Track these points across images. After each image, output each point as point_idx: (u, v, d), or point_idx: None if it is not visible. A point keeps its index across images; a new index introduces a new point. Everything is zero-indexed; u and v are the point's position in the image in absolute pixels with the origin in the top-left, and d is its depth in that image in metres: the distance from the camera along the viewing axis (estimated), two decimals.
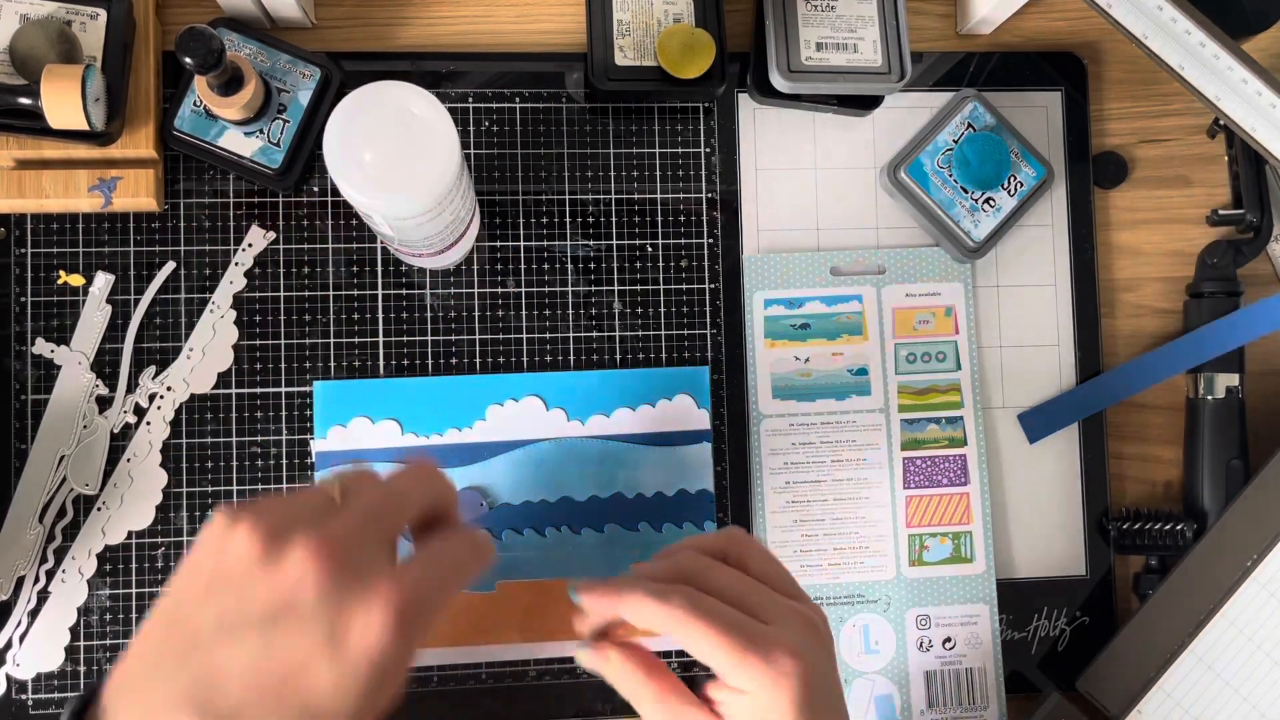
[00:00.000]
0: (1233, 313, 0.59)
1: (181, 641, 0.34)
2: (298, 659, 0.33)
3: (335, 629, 0.34)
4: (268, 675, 0.33)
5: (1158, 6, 0.56)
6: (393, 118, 0.45)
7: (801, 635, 0.41)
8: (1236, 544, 0.57)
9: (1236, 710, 0.56)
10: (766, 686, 0.40)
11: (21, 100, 0.50)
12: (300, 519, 0.35)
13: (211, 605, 0.34)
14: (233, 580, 0.34)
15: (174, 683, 0.33)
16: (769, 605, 0.42)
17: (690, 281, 0.59)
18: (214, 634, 0.34)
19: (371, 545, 0.36)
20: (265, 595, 0.34)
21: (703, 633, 0.40)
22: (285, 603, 0.34)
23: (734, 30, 0.60)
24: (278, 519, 0.35)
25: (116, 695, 0.34)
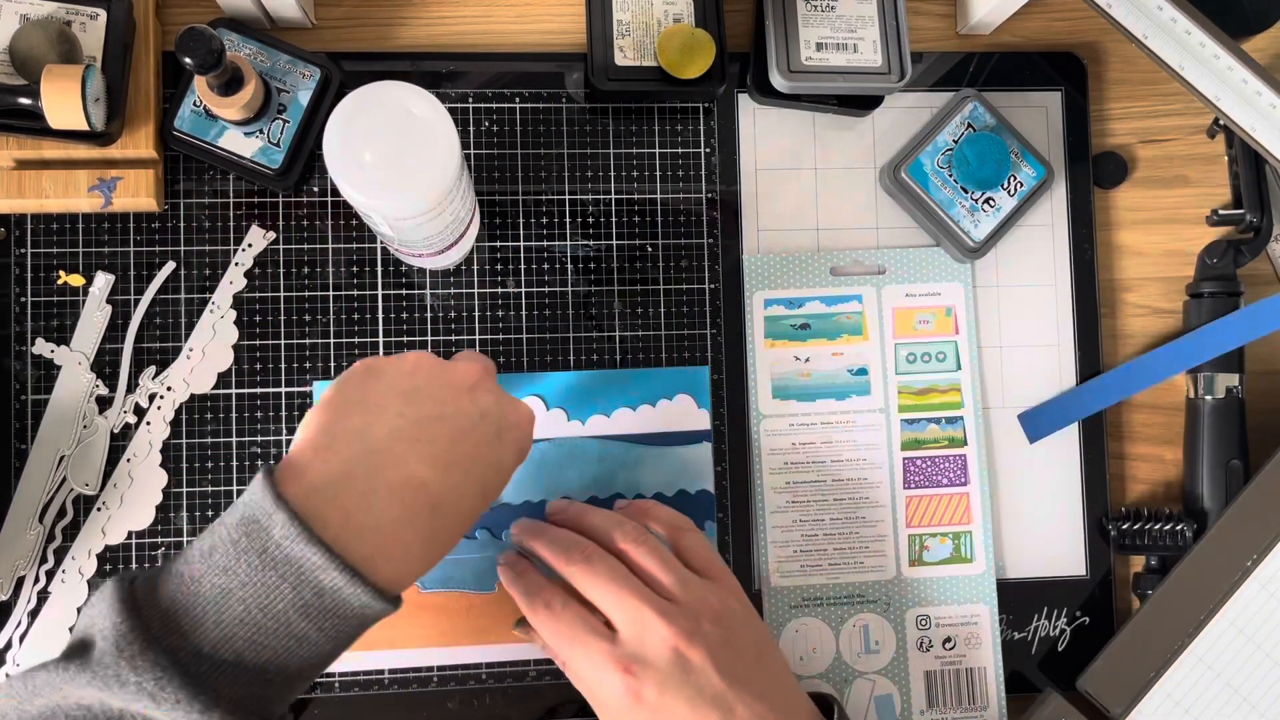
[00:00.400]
0: (1233, 313, 0.59)
1: (386, 413, 0.43)
2: (482, 441, 0.44)
3: (501, 430, 0.45)
4: (460, 444, 0.43)
5: (1158, 6, 0.56)
6: (393, 118, 0.45)
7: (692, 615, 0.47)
8: (1236, 544, 0.57)
9: (1236, 710, 0.56)
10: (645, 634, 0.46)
11: (21, 100, 0.50)
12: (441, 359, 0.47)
13: (402, 390, 0.44)
14: (417, 375, 0.45)
15: (388, 437, 0.42)
16: (679, 583, 0.48)
17: (690, 281, 0.59)
18: (415, 407, 0.43)
19: (495, 382, 0.48)
20: (450, 390, 0.45)
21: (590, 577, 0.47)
22: (468, 398, 0.45)
23: (734, 30, 0.60)
24: (430, 354, 0.46)
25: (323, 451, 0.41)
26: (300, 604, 0.38)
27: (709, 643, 0.46)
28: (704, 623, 0.47)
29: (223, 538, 0.39)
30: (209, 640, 0.37)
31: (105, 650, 0.36)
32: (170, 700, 0.35)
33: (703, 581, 0.49)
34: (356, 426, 0.42)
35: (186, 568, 0.38)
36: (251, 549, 0.38)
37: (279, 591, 0.38)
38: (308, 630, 0.38)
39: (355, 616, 0.39)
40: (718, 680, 0.46)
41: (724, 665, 0.46)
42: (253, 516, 0.39)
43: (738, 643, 0.47)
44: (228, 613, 0.37)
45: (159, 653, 0.36)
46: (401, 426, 0.42)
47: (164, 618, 0.37)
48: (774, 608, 0.58)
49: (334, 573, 0.38)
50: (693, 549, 0.51)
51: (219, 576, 0.38)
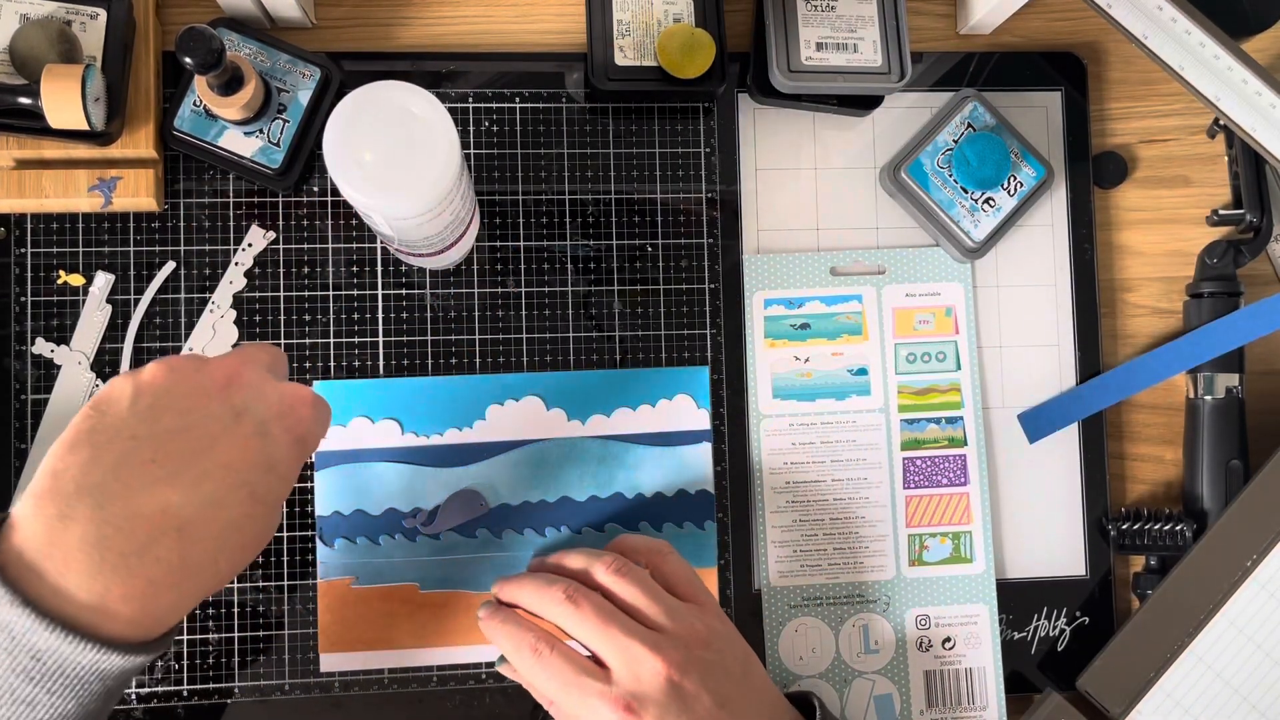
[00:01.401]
0: (1233, 313, 0.59)
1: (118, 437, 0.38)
2: (238, 443, 0.40)
3: (266, 424, 0.41)
4: (210, 454, 0.39)
5: (1158, 6, 0.56)
6: (393, 118, 0.45)
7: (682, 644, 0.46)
8: (1236, 544, 0.57)
9: (1236, 710, 0.56)
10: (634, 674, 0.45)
11: (21, 100, 0.50)
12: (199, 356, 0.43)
13: (140, 407, 0.39)
14: (159, 387, 0.40)
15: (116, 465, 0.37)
16: (666, 612, 0.47)
17: (690, 281, 0.59)
18: (153, 423, 0.39)
19: (265, 370, 0.43)
20: (196, 395, 0.40)
21: (575, 618, 0.46)
22: (219, 399, 0.40)
23: (734, 30, 0.60)
24: (179, 356, 0.42)
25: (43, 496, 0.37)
26: (20, 670, 0.35)
27: (700, 669, 0.46)
28: (694, 649, 0.47)
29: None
30: None
31: None
32: None
33: (688, 607, 0.49)
34: (80, 461, 0.37)
35: None
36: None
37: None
38: (36, 695, 0.35)
39: (92, 673, 0.36)
40: (711, 704, 0.46)
41: (715, 689, 0.46)
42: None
43: (725, 663, 0.48)
44: None
45: None
46: (132, 449, 0.38)
47: None
48: (774, 608, 0.58)
49: (45, 634, 0.35)
50: (674, 573, 0.50)
51: None
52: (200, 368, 0.41)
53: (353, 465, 0.56)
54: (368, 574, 0.55)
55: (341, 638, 0.55)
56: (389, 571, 0.55)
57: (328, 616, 0.55)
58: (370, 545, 0.55)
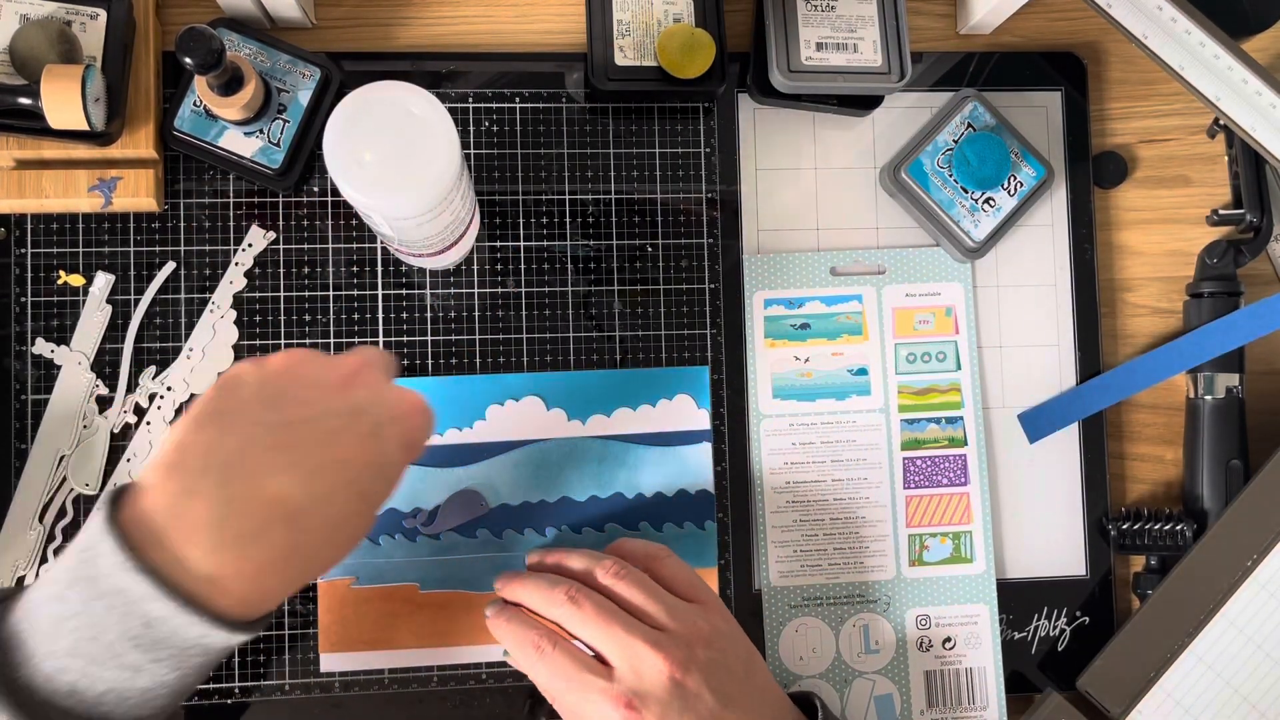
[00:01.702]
0: (1233, 313, 0.59)
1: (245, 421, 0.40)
2: (355, 442, 0.41)
3: (382, 426, 0.42)
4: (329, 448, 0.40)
5: (1158, 6, 0.56)
6: (393, 118, 0.45)
7: (683, 642, 0.46)
8: (1236, 544, 0.57)
9: (1236, 710, 0.56)
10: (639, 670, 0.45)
11: (21, 100, 0.50)
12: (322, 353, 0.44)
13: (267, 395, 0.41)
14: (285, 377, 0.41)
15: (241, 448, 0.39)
16: (668, 612, 0.47)
17: (690, 281, 0.59)
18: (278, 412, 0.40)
19: (382, 373, 0.45)
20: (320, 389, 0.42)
21: (577, 617, 0.46)
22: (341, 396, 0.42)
23: (734, 30, 0.60)
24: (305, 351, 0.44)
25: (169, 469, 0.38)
26: (129, 635, 0.36)
27: (702, 667, 0.46)
28: (696, 648, 0.47)
29: (62, 564, 0.37)
30: (41, 671, 0.36)
31: None
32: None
33: (689, 606, 0.49)
34: (208, 440, 0.39)
35: (34, 593, 0.37)
36: (83, 577, 0.36)
37: (106, 623, 0.36)
38: (142, 661, 0.36)
39: (194, 646, 0.37)
40: (714, 702, 0.46)
41: (717, 687, 0.46)
42: (88, 543, 0.37)
43: (728, 662, 0.48)
44: (59, 643, 0.36)
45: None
46: (257, 435, 0.39)
47: (6, 647, 0.36)
48: (774, 608, 0.58)
49: (161, 602, 0.36)
50: (672, 576, 0.50)
51: (54, 605, 0.36)
52: (324, 363, 0.43)
53: None
54: (368, 574, 0.55)
55: (341, 638, 0.55)
56: (389, 572, 0.55)
57: (328, 616, 0.55)
58: (370, 545, 0.55)
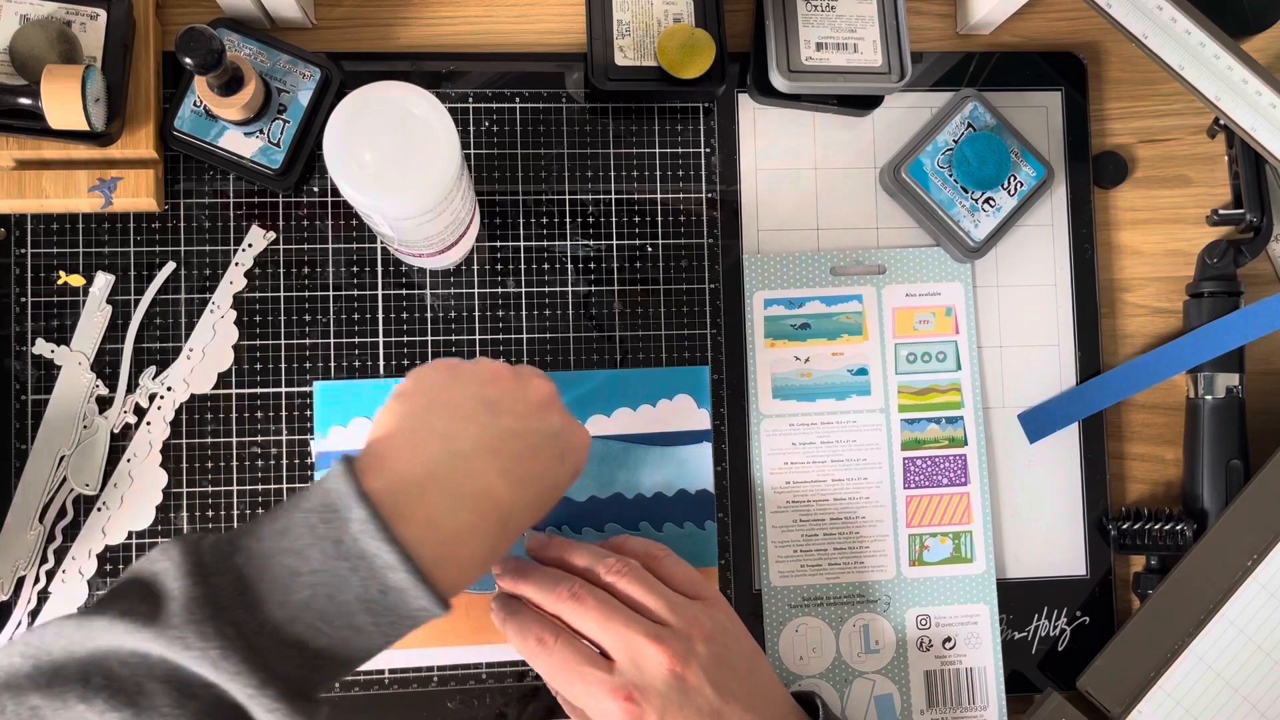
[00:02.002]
0: (1233, 313, 0.59)
1: (467, 420, 0.43)
2: (549, 460, 0.45)
3: (565, 452, 0.46)
4: (533, 461, 0.44)
5: (1158, 6, 0.56)
6: (393, 118, 0.45)
7: (684, 636, 0.47)
8: (1236, 544, 0.57)
9: (1236, 710, 0.56)
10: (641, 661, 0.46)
11: (21, 100, 0.50)
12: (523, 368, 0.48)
13: (484, 398, 0.44)
14: (498, 385, 0.45)
15: (473, 447, 0.42)
16: (668, 607, 0.48)
17: (690, 281, 0.59)
18: (496, 419, 0.44)
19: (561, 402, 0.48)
20: (528, 405, 0.45)
21: (579, 612, 0.47)
22: (542, 416, 0.46)
23: (734, 30, 0.60)
24: (504, 363, 0.47)
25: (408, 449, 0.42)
26: (365, 598, 0.38)
27: (702, 661, 0.47)
28: (696, 643, 0.47)
29: (298, 521, 0.39)
30: (273, 619, 0.37)
31: (174, 612, 0.37)
32: (230, 672, 0.36)
33: (690, 602, 0.49)
34: (441, 428, 0.42)
35: (257, 543, 0.39)
36: (328, 536, 0.38)
37: (348, 583, 0.38)
38: (366, 624, 0.39)
39: (410, 617, 0.40)
40: (714, 697, 0.46)
41: (718, 682, 0.47)
42: (333, 504, 0.39)
43: (730, 658, 0.48)
44: (295, 595, 0.38)
45: (225, 624, 0.36)
46: (483, 436, 0.43)
47: (232, 589, 0.38)
48: (774, 608, 0.58)
49: (402, 573, 0.38)
50: (673, 574, 0.51)
51: (291, 558, 0.38)
52: (525, 382, 0.46)
53: None
54: None
55: None
56: None
57: None
58: None
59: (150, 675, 0.36)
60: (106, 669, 0.36)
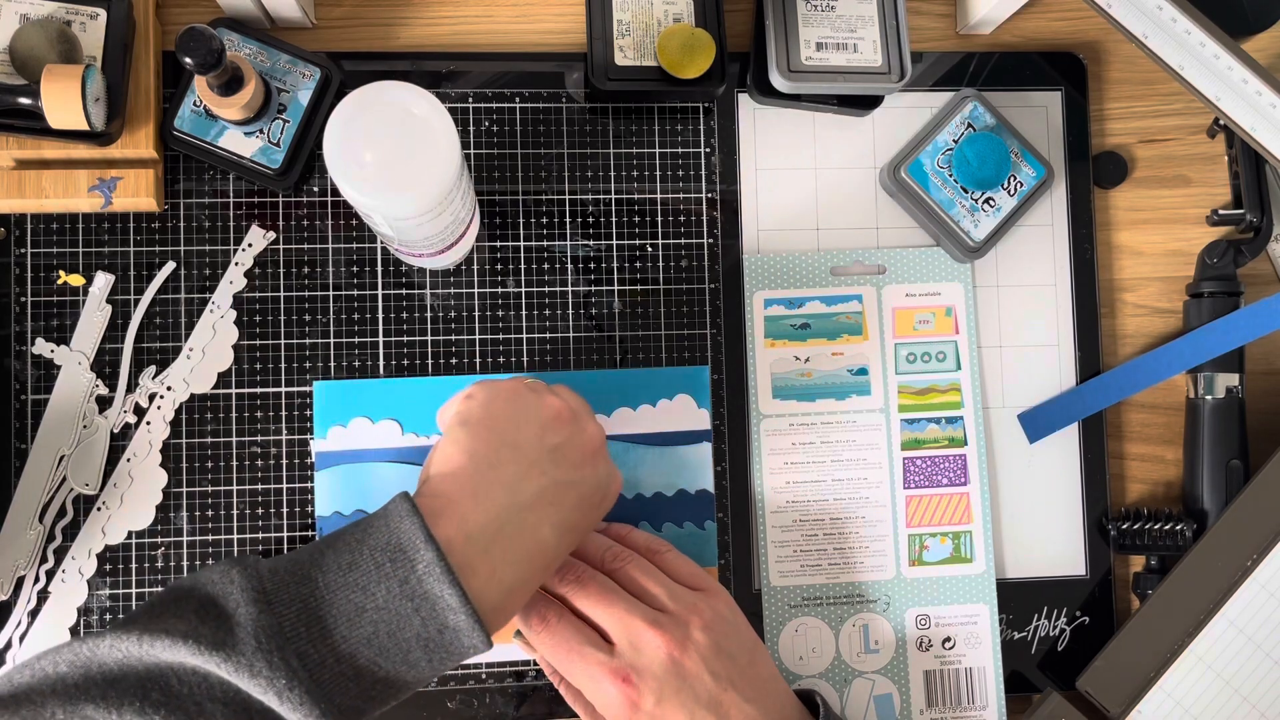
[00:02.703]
0: (1233, 313, 0.59)
1: (531, 469, 0.45)
2: (594, 504, 0.47)
3: (607, 492, 0.48)
4: (580, 511, 0.46)
5: (1158, 6, 0.56)
6: (393, 118, 0.45)
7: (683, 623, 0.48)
8: (1236, 544, 0.57)
9: (1236, 710, 0.56)
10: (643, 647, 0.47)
11: (21, 100, 0.50)
12: (579, 402, 0.50)
13: (547, 443, 0.46)
14: (558, 427, 0.47)
15: (535, 498, 0.44)
16: (668, 595, 0.49)
17: (690, 281, 0.59)
18: (556, 466, 0.45)
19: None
20: (583, 448, 0.47)
21: (581, 594, 0.48)
22: (593, 460, 0.47)
23: (734, 30, 0.60)
24: (569, 395, 0.49)
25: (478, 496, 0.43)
26: (424, 637, 0.40)
27: (701, 649, 0.47)
28: (695, 631, 0.48)
29: (365, 558, 0.40)
30: (336, 652, 0.39)
31: (242, 639, 0.38)
32: (295, 701, 0.37)
33: (692, 592, 0.50)
34: (509, 478, 0.44)
35: (322, 575, 0.40)
36: (394, 576, 0.40)
37: (410, 622, 0.39)
38: (420, 659, 0.40)
39: (460, 655, 0.41)
40: (711, 684, 0.47)
41: (716, 670, 0.47)
42: (400, 545, 0.40)
43: (729, 648, 0.48)
44: (358, 630, 0.39)
45: (291, 655, 0.38)
46: (545, 487, 0.45)
47: (299, 620, 0.39)
48: (774, 608, 0.58)
49: (463, 617, 0.40)
50: (674, 568, 0.51)
51: (356, 593, 0.39)
52: (583, 427, 0.48)
53: (353, 465, 0.56)
54: None
55: None
56: None
57: None
58: None
59: (210, 696, 0.37)
60: (165, 684, 0.37)
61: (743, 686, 0.48)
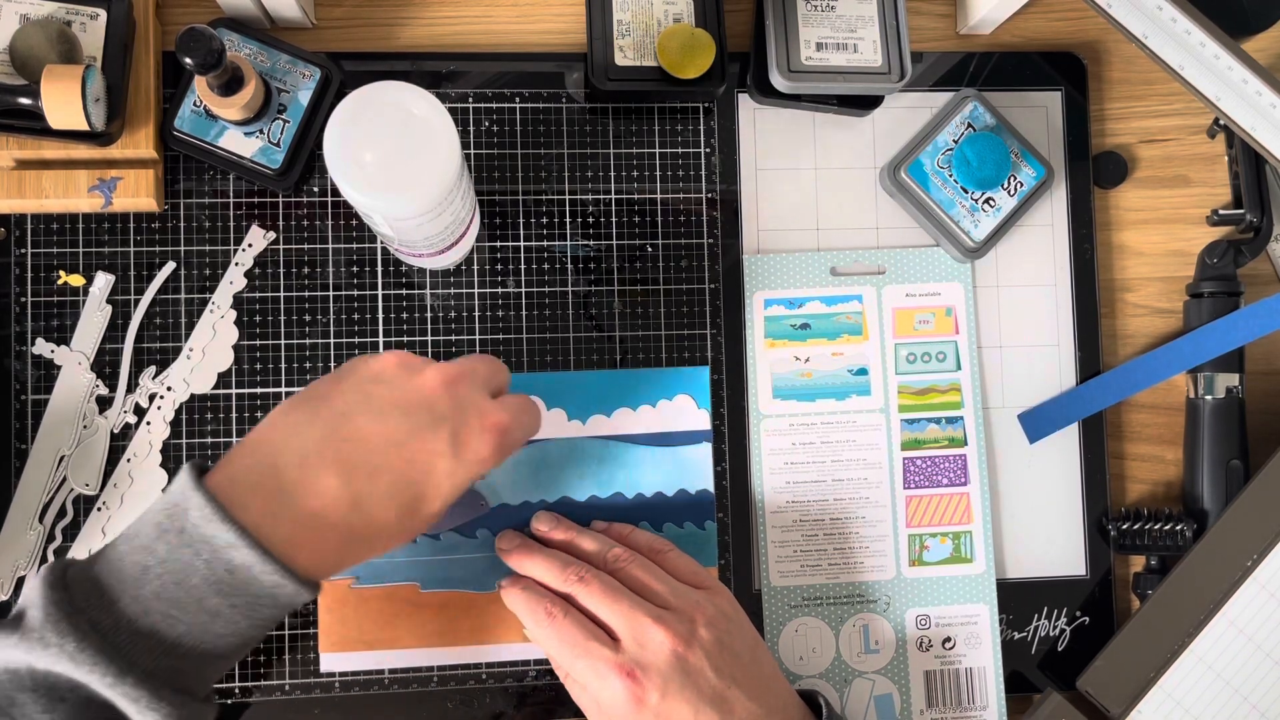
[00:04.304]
0: (1233, 313, 0.59)
1: (330, 412, 0.43)
2: (426, 447, 0.43)
3: (458, 436, 0.44)
4: (399, 449, 0.43)
5: (1158, 6, 0.56)
6: (393, 118, 0.45)
7: (687, 619, 0.48)
8: (1236, 544, 0.57)
9: (1236, 710, 0.56)
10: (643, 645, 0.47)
11: (21, 100, 0.50)
12: (427, 360, 0.46)
13: (360, 390, 0.44)
14: (381, 378, 0.44)
15: (321, 436, 0.42)
16: (672, 593, 0.49)
17: (690, 281, 0.59)
18: (362, 408, 0.43)
19: (480, 386, 0.46)
20: (407, 393, 0.44)
21: (585, 592, 0.49)
22: (425, 402, 0.44)
23: (734, 30, 0.60)
24: (412, 355, 0.46)
25: (260, 442, 0.43)
26: (213, 580, 0.40)
27: (705, 645, 0.48)
28: (699, 627, 0.48)
29: (146, 521, 0.41)
30: (127, 612, 0.39)
31: (34, 618, 0.39)
32: (88, 664, 0.38)
33: (694, 590, 0.51)
34: (296, 420, 0.43)
35: (113, 550, 0.41)
36: (171, 529, 0.40)
37: (193, 567, 0.40)
38: (220, 606, 0.40)
39: (268, 596, 0.41)
40: (715, 680, 0.47)
41: (720, 666, 0.48)
42: (174, 500, 0.41)
43: (732, 645, 0.49)
44: (146, 587, 0.40)
45: (81, 621, 0.38)
46: (336, 428, 0.43)
47: (89, 593, 0.40)
48: (774, 608, 0.58)
49: (245, 550, 0.40)
50: (676, 567, 0.52)
51: (140, 554, 0.40)
52: (415, 374, 0.45)
53: None
54: (368, 574, 0.55)
55: (342, 638, 0.55)
56: (389, 571, 0.55)
57: (328, 616, 0.55)
58: None
59: (19, 687, 0.39)
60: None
61: (746, 683, 0.48)
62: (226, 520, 0.40)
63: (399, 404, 0.44)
